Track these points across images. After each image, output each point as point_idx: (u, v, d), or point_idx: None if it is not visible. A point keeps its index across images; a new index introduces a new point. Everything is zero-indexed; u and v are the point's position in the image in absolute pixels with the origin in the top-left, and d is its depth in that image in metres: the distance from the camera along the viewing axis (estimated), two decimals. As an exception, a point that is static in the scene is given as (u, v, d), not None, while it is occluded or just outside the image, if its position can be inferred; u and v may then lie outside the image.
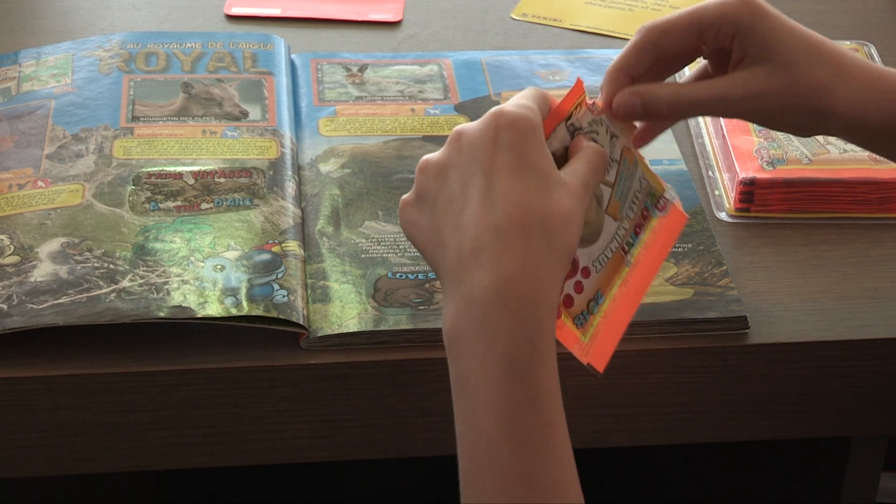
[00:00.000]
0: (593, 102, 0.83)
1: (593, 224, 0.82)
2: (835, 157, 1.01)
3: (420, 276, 0.92)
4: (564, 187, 0.75)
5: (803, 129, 0.86)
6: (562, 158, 0.80)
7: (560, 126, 0.80)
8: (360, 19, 1.22)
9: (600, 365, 0.80)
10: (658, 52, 0.84)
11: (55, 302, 0.87)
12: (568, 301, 0.80)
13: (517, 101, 0.78)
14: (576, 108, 0.81)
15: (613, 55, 1.14)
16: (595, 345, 0.81)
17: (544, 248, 0.73)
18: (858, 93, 0.83)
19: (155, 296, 0.88)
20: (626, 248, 0.84)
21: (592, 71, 1.13)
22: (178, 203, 0.96)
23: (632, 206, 0.84)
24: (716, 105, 0.84)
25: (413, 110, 1.08)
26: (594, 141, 0.82)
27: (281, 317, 0.87)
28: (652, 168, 0.87)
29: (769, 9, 0.83)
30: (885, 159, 0.90)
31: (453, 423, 0.90)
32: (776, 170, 1.00)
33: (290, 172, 0.99)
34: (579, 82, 0.81)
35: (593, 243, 0.82)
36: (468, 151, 0.75)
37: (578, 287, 0.81)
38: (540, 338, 0.72)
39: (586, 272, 0.81)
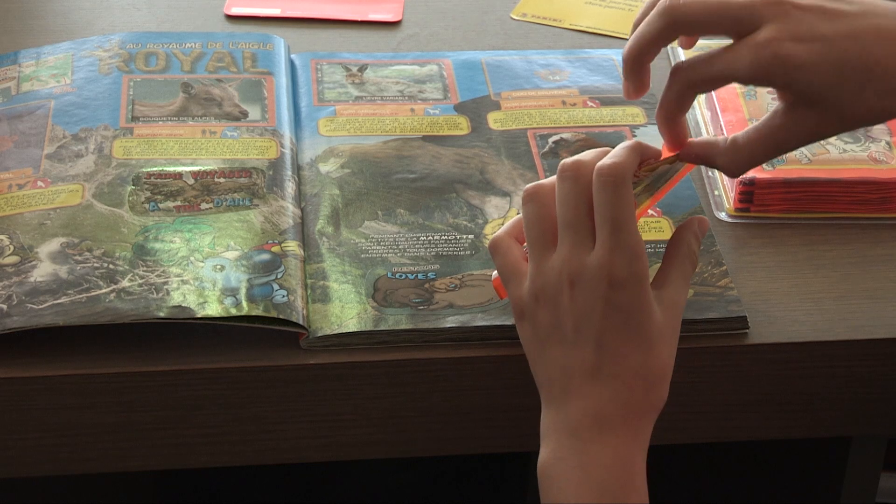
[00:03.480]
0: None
1: None
2: (834, 157, 1.01)
3: (420, 276, 0.92)
4: (663, 339, 0.81)
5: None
6: None
7: None
8: (359, 19, 1.22)
9: None
10: (694, 97, 0.83)
11: (55, 302, 0.87)
12: None
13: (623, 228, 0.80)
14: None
15: (613, 55, 1.15)
16: None
17: (643, 400, 0.80)
18: None
19: (154, 296, 0.88)
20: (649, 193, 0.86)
21: (592, 71, 1.13)
22: (178, 203, 0.96)
23: (656, 185, 0.86)
24: (776, 154, 0.83)
25: (413, 110, 1.08)
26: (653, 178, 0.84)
27: (280, 317, 0.87)
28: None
29: (804, 56, 0.78)
30: (885, 160, 0.89)
31: (453, 423, 0.90)
32: (776, 170, 1.00)
33: (289, 172, 0.99)
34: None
35: None
36: (581, 303, 0.80)
37: None
38: (633, 472, 0.79)
39: None
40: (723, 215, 1.00)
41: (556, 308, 0.80)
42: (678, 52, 1.16)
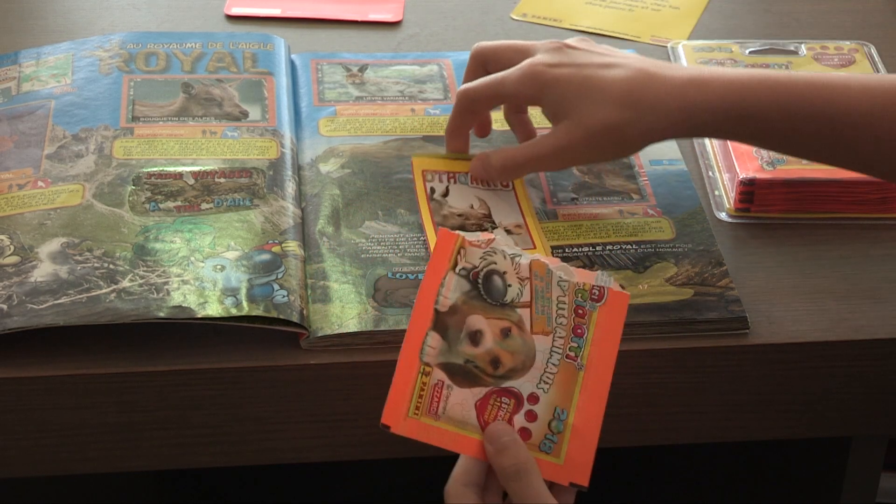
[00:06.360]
0: (478, 238, 0.84)
1: (522, 351, 0.82)
2: (835, 157, 1.01)
3: (420, 276, 0.92)
4: None
5: (619, 156, 0.96)
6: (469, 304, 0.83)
7: (448, 277, 0.83)
8: (360, 19, 1.22)
9: (584, 479, 0.82)
10: (476, 114, 0.99)
11: (55, 302, 0.87)
12: (525, 434, 0.81)
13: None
14: (458, 254, 0.83)
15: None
16: (572, 462, 0.81)
17: None
18: (651, 118, 0.91)
19: (155, 296, 0.88)
20: (573, 354, 0.83)
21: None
22: (178, 203, 0.96)
23: (560, 313, 0.83)
24: (535, 164, 0.95)
25: (413, 110, 1.08)
26: (495, 271, 0.82)
27: (281, 317, 0.87)
28: (569, 265, 0.85)
29: (556, 76, 0.93)
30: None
31: (453, 424, 0.90)
32: (776, 170, 1.00)
33: (290, 172, 0.99)
34: (444, 232, 0.84)
35: (529, 369, 0.82)
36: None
37: (531, 416, 0.82)
38: None
39: (534, 398, 0.82)
40: (723, 215, 1.00)
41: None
42: (679, 52, 1.16)
